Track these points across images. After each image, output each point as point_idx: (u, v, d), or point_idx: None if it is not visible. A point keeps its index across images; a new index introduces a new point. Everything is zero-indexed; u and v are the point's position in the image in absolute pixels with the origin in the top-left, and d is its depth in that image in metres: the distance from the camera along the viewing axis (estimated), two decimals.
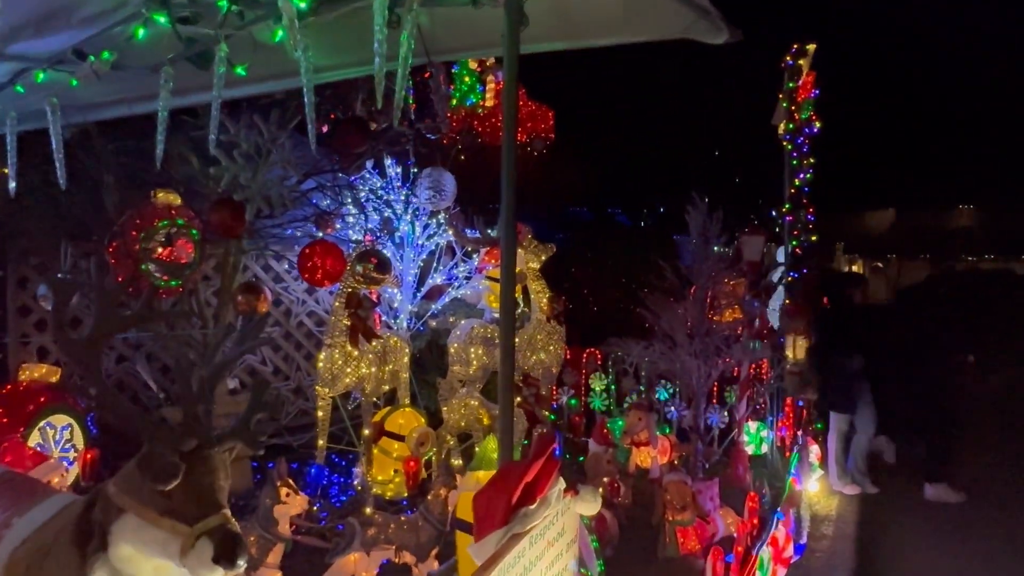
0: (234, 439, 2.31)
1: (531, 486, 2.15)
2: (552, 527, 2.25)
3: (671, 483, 5.21)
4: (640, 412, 6.55)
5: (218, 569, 1.98)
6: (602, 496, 5.71)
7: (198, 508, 2.04)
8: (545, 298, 7.00)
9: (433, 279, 6.94)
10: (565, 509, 2.38)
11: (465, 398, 6.00)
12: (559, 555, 2.31)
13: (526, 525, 2.05)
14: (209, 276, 6.52)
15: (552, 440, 2.30)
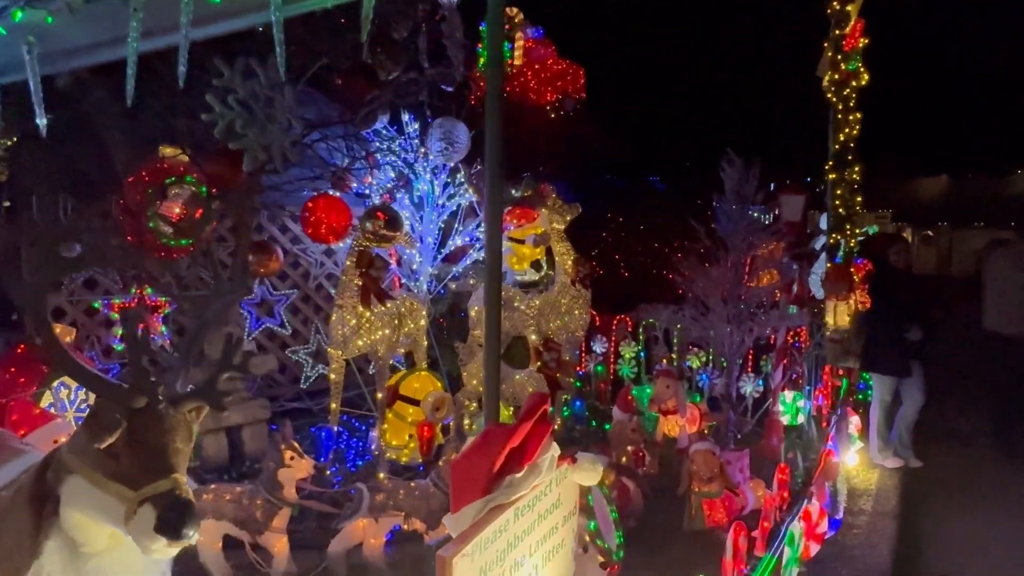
0: (197, 399, 2.11)
1: (518, 451, 1.90)
2: (544, 498, 2.02)
3: (698, 453, 4.93)
4: (668, 379, 6.25)
5: (160, 539, 1.79)
6: (626, 465, 5.48)
7: (146, 471, 1.85)
8: (570, 260, 6.72)
9: (454, 240, 6.69)
10: (561, 478, 2.14)
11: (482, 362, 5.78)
12: (553, 529, 2.08)
13: (511, 495, 1.82)
14: (226, 238, 6.39)
15: (544, 400, 2.05)
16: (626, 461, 5.58)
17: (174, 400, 2.04)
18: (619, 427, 5.62)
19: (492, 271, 2.35)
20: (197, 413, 2.13)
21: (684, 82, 14.67)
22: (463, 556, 1.58)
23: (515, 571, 1.85)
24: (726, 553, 2.66)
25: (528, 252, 6.48)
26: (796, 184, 6.78)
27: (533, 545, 1.99)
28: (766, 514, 3.17)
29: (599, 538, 4.02)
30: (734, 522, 3.61)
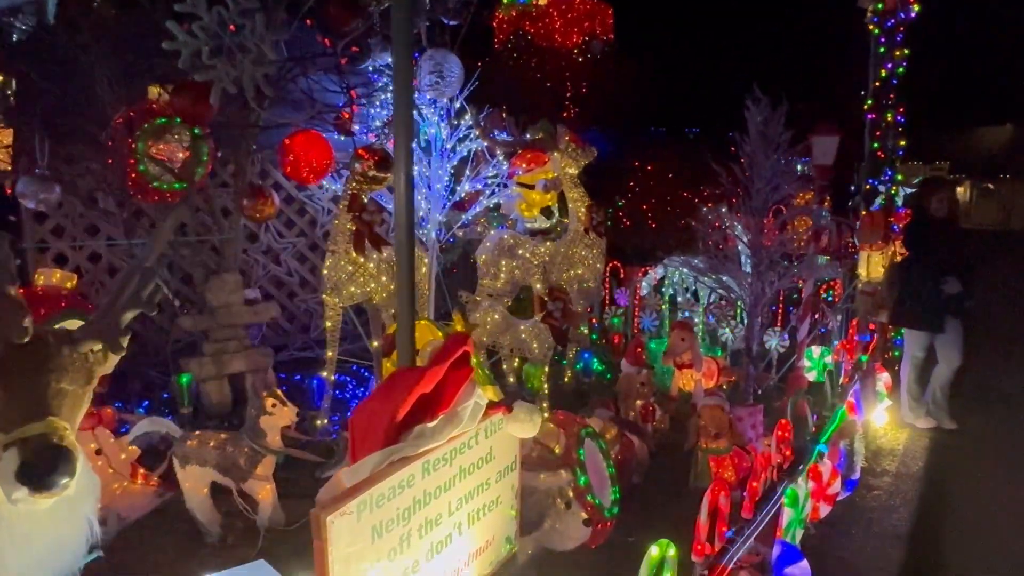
0: (92, 337, 1.94)
1: (431, 398, 1.68)
2: (469, 451, 1.81)
3: (705, 407, 4.67)
4: (683, 332, 5.96)
5: (21, 488, 1.63)
6: (630, 420, 5.26)
7: (17, 412, 1.69)
8: (583, 207, 6.39)
9: (462, 187, 6.43)
10: (494, 430, 1.93)
11: (488, 312, 5.57)
12: (483, 485, 1.88)
13: (420, 447, 1.61)
14: (228, 183, 6.25)
15: (462, 342, 1.82)
16: (633, 416, 5.35)
17: (64, 337, 1.87)
18: (627, 380, 5.37)
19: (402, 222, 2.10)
20: (103, 355, 1.96)
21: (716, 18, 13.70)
22: (343, 515, 1.39)
23: (427, 530, 1.66)
24: (700, 514, 2.43)
25: (538, 198, 6.18)
26: (829, 124, 6.27)
27: (454, 503, 1.79)
28: (755, 473, 2.91)
29: (590, 493, 3.83)
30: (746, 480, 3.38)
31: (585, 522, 3.31)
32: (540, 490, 3.32)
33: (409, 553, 1.73)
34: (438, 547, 1.90)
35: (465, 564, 2.06)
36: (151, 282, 2.13)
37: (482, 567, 2.23)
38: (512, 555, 2.44)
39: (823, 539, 4.12)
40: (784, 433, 3.46)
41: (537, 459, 3.40)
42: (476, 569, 2.20)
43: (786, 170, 5.93)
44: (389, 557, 1.71)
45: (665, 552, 2.08)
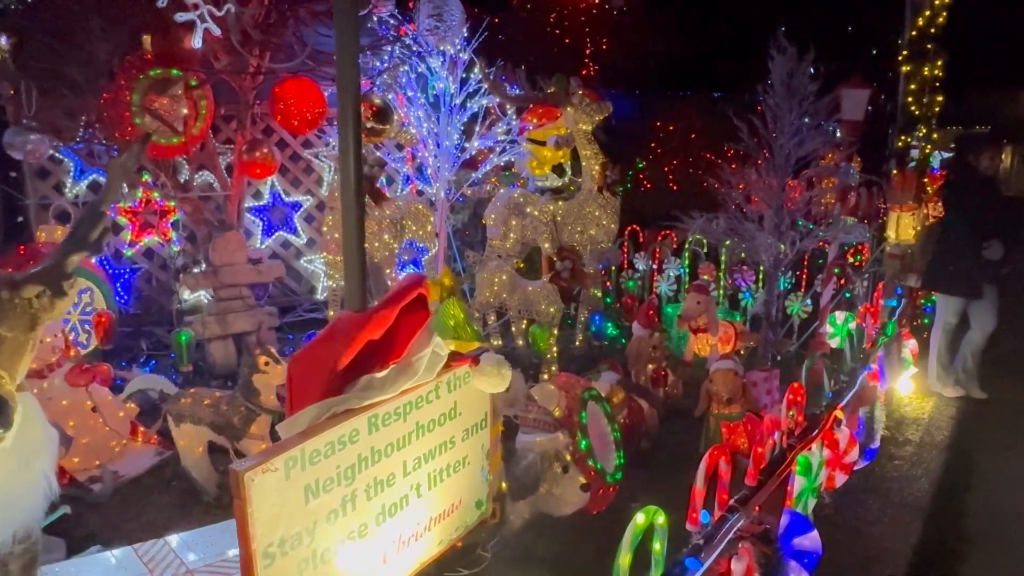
0: (33, 282, 1.81)
1: (381, 347, 1.52)
2: (428, 405, 1.65)
3: (717, 372, 4.46)
4: (699, 294, 5.73)
5: None
6: (639, 384, 5.08)
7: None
8: (597, 165, 6.15)
9: (472, 144, 6.21)
10: (459, 383, 1.76)
11: (495, 272, 5.40)
12: (447, 443, 1.73)
13: (366, 399, 1.46)
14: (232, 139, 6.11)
15: (418, 283, 1.65)
16: (644, 380, 5.17)
17: (3, 282, 1.75)
18: (638, 344, 5.18)
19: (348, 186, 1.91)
20: (49, 302, 1.83)
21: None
22: (267, 472, 1.25)
23: (377, 491, 1.52)
24: (696, 480, 2.26)
25: (549, 155, 5.96)
26: (860, 78, 5.90)
27: (411, 462, 1.63)
28: (761, 438, 2.73)
29: (591, 458, 3.68)
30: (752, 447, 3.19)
31: (583, 487, 3.16)
32: (536, 453, 3.18)
33: (355, 516, 1.59)
34: (391, 510, 1.76)
35: (425, 529, 1.93)
36: (100, 224, 1.99)
37: (446, 531, 2.08)
38: (483, 520, 2.30)
39: (838, 509, 3.95)
40: (796, 397, 3.26)
41: (534, 421, 3.25)
42: (439, 534, 2.05)
43: (812, 125, 5.61)
44: (328, 520, 1.57)
45: (653, 519, 1.92)
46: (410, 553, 1.89)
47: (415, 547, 1.92)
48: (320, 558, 1.52)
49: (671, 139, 10.48)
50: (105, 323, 5.22)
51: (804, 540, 3.05)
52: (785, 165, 5.60)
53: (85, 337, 5.20)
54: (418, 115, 5.96)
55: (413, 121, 5.91)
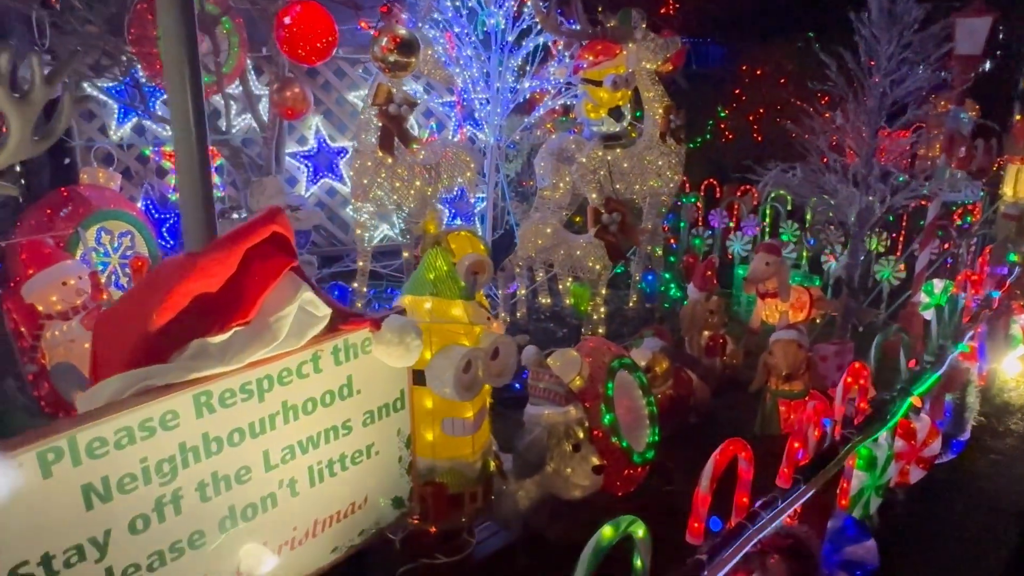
0: None
1: (220, 303, 1.16)
2: (302, 380, 1.28)
3: (777, 343, 3.93)
4: (768, 255, 5.09)
5: None
6: (687, 353, 4.57)
7: None
8: (661, 109, 5.55)
9: (526, 87, 5.72)
10: (355, 352, 1.38)
11: (539, 224, 4.97)
12: (335, 430, 1.36)
13: (197, 370, 1.11)
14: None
15: (269, 220, 1.26)
16: (696, 349, 4.66)
17: None
18: (692, 307, 4.65)
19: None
20: None
21: None
22: (22, 462, 0.91)
23: (218, 490, 1.17)
24: (701, 481, 1.80)
25: (606, 96, 5.39)
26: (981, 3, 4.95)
27: (276, 452, 1.28)
28: (800, 429, 2.22)
29: (616, 434, 3.27)
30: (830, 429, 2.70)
31: (595, 468, 2.76)
32: (543, 427, 2.79)
33: (180, 523, 1.24)
34: (247, 513, 1.43)
35: (308, 534, 1.58)
36: None
37: (344, 536, 1.70)
38: (401, 521, 1.90)
39: (911, 509, 3.37)
40: (858, 380, 2.71)
41: (544, 391, 2.86)
42: (332, 539, 1.67)
43: (915, 60, 4.78)
44: (133, 529, 1.26)
45: (623, 533, 1.50)
46: (284, 565, 1.55)
47: (292, 557, 1.57)
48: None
49: (758, 85, 9.54)
50: (142, 268, 5.18)
51: (857, 549, 2.55)
52: (878, 108, 4.82)
53: (126, 280, 5.18)
54: (467, 54, 5.52)
55: (462, 61, 5.48)
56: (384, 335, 1.50)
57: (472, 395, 2.14)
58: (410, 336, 1.55)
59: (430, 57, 4.41)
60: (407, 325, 1.54)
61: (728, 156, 9.07)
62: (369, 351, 1.51)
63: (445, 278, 2.28)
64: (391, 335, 1.51)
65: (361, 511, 1.76)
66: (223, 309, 1.17)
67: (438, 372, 2.06)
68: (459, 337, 2.22)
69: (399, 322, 1.52)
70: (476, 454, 2.31)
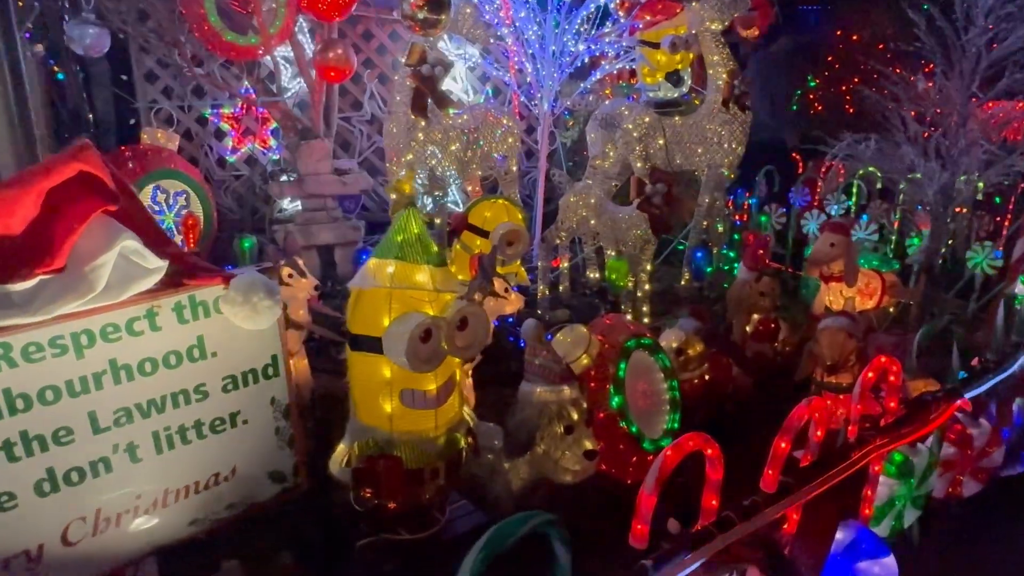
0: None
1: (24, 247, 1.06)
2: (135, 338, 1.17)
3: (825, 331, 3.55)
4: (834, 234, 4.62)
5: None
6: (724, 336, 4.26)
7: None
8: (725, 73, 5.13)
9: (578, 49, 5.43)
10: (207, 310, 1.26)
11: (582, 193, 4.73)
12: (186, 394, 1.25)
13: None
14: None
15: (76, 155, 1.13)
16: (740, 334, 4.33)
17: None
18: (740, 288, 4.31)
19: None
20: None
21: None
22: None
23: (28, 450, 1.09)
24: (647, 479, 1.57)
25: (663, 59, 5.05)
26: None
27: (106, 415, 1.17)
28: (787, 426, 1.92)
29: (625, 418, 3.05)
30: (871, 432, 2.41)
31: (587, 453, 2.57)
32: (534, 406, 2.63)
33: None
34: (71, 477, 1.34)
35: (157, 503, 1.47)
36: None
37: (207, 508, 1.59)
38: (282, 497, 1.76)
39: (961, 526, 2.99)
40: (885, 374, 2.37)
41: (539, 367, 2.69)
42: (190, 510, 1.61)
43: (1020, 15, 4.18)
44: None
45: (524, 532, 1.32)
46: (125, 534, 1.45)
47: (137, 526, 1.48)
48: None
49: (852, 51, 8.76)
50: (193, 226, 5.33)
51: (872, 566, 2.26)
52: (972, 72, 4.26)
53: (180, 239, 5.35)
54: (521, 15, 5.29)
55: (518, 23, 5.27)
56: (228, 293, 1.37)
57: (431, 367, 2.01)
58: (258, 295, 1.42)
59: (468, 14, 4.23)
60: (255, 283, 1.41)
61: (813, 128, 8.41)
62: (216, 309, 1.39)
63: (414, 241, 2.13)
64: (235, 293, 1.38)
65: (228, 483, 1.67)
66: (26, 254, 1.09)
67: (392, 340, 1.94)
68: (423, 305, 2.08)
69: (247, 280, 1.38)
70: (439, 429, 2.18)
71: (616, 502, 2.73)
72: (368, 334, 1.99)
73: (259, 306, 1.48)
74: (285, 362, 1.65)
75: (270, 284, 1.54)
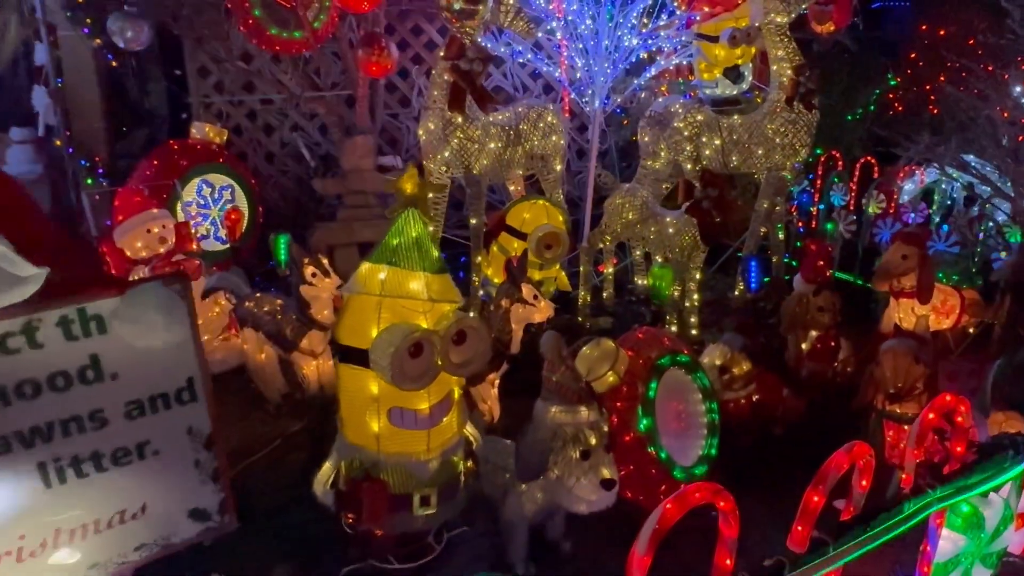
0: None
1: None
2: (13, 357, 1.02)
3: (888, 352, 3.20)
4: (907, 245, 4.22)
5: None
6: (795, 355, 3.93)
7: None
8: (790, 69, 4.76)
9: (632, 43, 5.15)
10: (103, 324, 1.09)
11: (627, 195, 4.48)
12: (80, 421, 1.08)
13: None
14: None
15: None
16: (795, 350, 3.98)
17: None
18: (795, 302, 3.97)
19: None
20: None
21: None
22: None
23: None
24: (638, 541, 1.32)
25: (722, 54, 4.73)
26: None
27: None
28: (823, 475, 1.62)
29: (653, 443, 2.79)
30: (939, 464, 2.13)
31: (605, 483, 2.34)
32: (548, 427, 2.41)
33: None
34: None
35: (47, 544, 1.27)
36: None
37: (113, 550, 1.40)
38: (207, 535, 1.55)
39: None
40: (949, 415, 2.04)
41: (556, 385, 2.47)
42: (93, 552, 1.43)
43: None
44: None
45: None
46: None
47: (22, 572, 1.31)
48: None
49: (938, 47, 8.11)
50: (236, 221, 5.33)
51: None
52: None
53: (224, 233, 5.36)
54: (573, 8, 5.06)
55: (570, 15, 5.04)
56: (119, 307, 1.20)
57: (420, 384, 1.82)
58: (150, 312, 1.22)
59: (511, 5, 4.03)
60: (149, 296, 1.21)
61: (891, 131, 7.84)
62: (117, 318, 1.21)
63: (411, 246, 1.95)
64: (125, 308, 1.20)
65: (137, 522, 1.50)
66: None
67: (377, 353, 1.76)
68: (415, 316, 1.90)
69: (141, 292, 1.20)
70: (432, 452, 1.99)
71: (627, 532, 2.49)
72: (355, 345, 1.83)
73: (153, 323, 1.29)
74: (205, 385, 1.48)
75: (170, 298, 1.35)
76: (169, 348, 1.35)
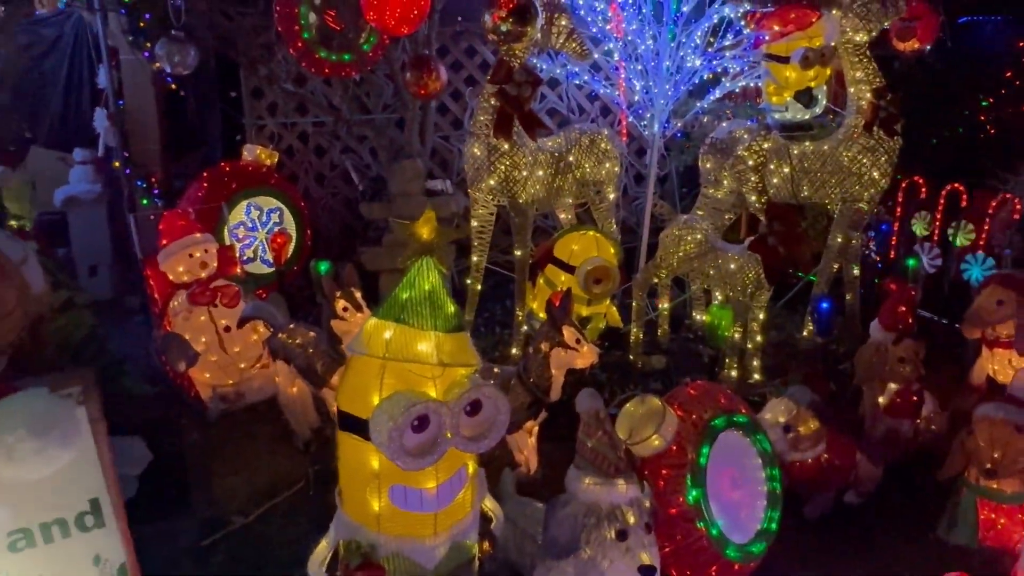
0: None
1: None
2: None
3: (983, 421, 2.80)
4: (1002, 289, 3.74)
5: None
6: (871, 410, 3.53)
7: None
8: (869, 92, 4.37)
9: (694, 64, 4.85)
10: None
11: (684, 228, 4.17)
12: None
13: None
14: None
15: None
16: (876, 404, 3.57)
17: None
18: (872, 350, 3.55)
19: None
20: None
21: None
22: None
23: None
24: None
25: (793, 76, 4.37)
26: None
27: None
28: None
29: (702, 518, 2.47)
30: None
31: (643, 570, 2.05)
32: (580, 501, 2.14)
33: None
34: None
35: None
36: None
37: None
38: None
39: None
40: None
41: (591, 452, 2.19)
42: None
43: None
44: None
45: None
46: None
47: None
48: None
49: None
50: (282, 245, 5.26)
51: None
52: None
53: (271, 256, 5.31)
54: (633, 27, 4.81)
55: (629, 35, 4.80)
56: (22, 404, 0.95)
57: (425, 463, 1.58)
58: (14, 433, 0.95)
59: (563, 26, 3.81)
60: (26, 407, 0.96)
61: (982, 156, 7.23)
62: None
63: (422, 300, 1.73)
64: (9, 418, 0.95)
65: None
66: None
67: (376, 426, 1.54)
68: (423, 382, 1.67)
69: (13, 403, 0.96)
70: (439, 537, 1.75)
71: None
72: (355, 413, 1.61)
73: (15, 448, 1.05)
74: (116, 508, 1.25)
75: (63, 407, 1.13)
76: (63, 467, 1.14)
